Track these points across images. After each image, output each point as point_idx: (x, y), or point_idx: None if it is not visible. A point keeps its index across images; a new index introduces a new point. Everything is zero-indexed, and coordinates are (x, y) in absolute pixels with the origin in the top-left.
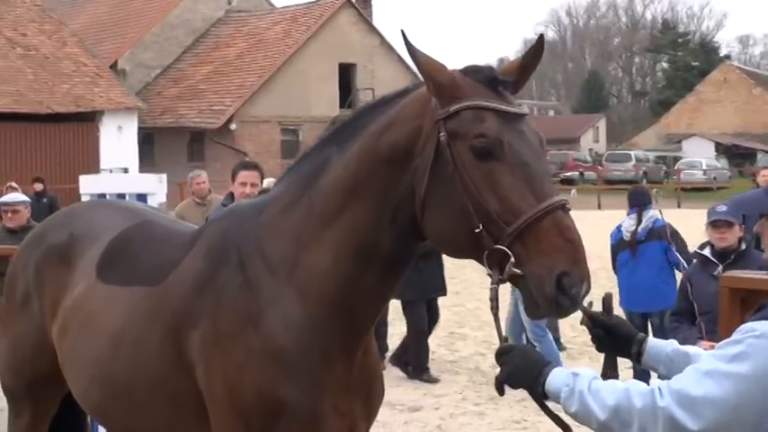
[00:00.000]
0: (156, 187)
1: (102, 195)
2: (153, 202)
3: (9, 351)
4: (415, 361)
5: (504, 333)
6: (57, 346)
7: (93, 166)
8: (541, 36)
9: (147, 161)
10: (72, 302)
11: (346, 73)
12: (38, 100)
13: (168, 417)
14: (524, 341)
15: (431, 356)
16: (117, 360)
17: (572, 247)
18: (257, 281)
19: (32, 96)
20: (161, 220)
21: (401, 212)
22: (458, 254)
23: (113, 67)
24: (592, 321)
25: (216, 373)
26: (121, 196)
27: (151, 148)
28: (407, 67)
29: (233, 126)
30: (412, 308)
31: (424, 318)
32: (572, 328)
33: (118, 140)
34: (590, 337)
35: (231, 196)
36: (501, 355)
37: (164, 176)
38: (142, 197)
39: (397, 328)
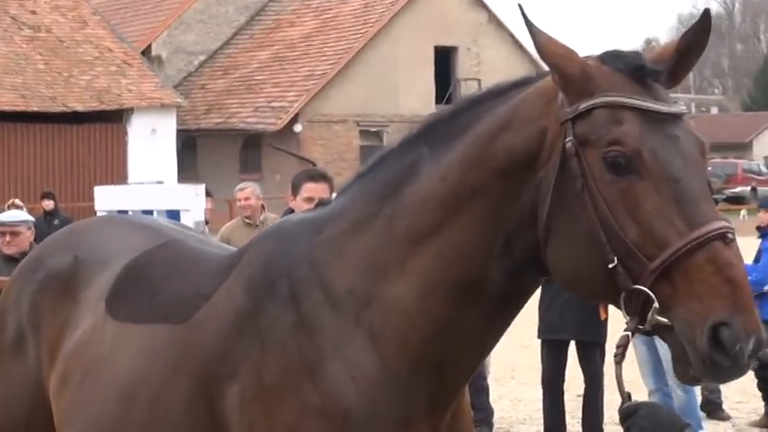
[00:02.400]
0: (191, 202)
1: (124, 212)
2: (188, 220)
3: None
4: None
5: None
6: (54, 403)
7: (119, 179)
8: (707, 11)
9: (188, 172)
10: (74, 345)
11: (444, 59)
12: (50, 95)
13: None
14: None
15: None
16: (128, 423)
17: (734, 289)
18: (315, 319)
19: (43, 90)
20: (190, 241)
21: (518, 239)
22: (590, 297)
23: (146, 53)
24: (760, 362)
25: None
26: (148, 213)
27: (193, 155)
28: (524, 52)
29: (298, 127)
30: None
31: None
32: (740, 392)
33: (151, 146)
34: (757, 383)
35: (291, 214)
36: (626, 418)
37: (201, 188)
38: (174, 214)
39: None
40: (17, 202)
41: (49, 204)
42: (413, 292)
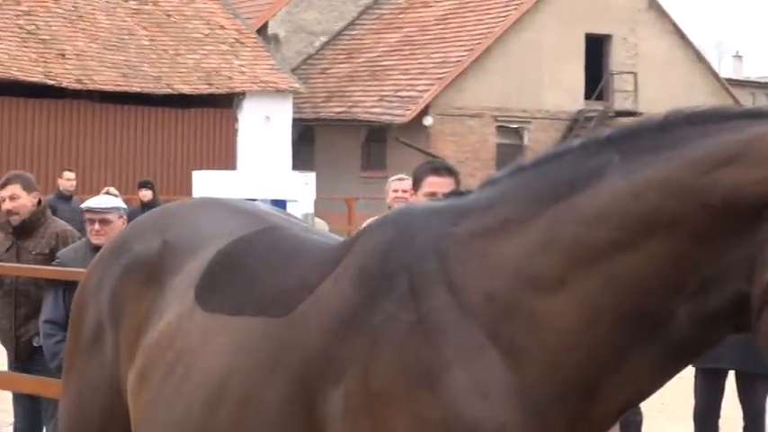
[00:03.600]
0: (299, 191)
1: None
2: (296, 212)
3: (71, 411)
4: None
5: None
6: (131, 403)
7: (226, 170)
8: None
9: (304, 166)
10: (157, 338)
11: (596, 48)
12: (154, 75)
13: None
14: None
15: None
16: (215, 424)
17: None
18: (439, 321)
19: (147, 70)
20: (294, 229)
21: (718, 290)
22: None
23: (261, 31)
24: None
25: None
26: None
27: (310, 147)
28: (687, 44)
29: (428, 120)
30: None
31: None
32: None
33: (263, 135)
34: None
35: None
36: None
37: (311, 177)
38: (280, 204)
39: None
40: (112, 190)
41: (146, 195)
42: (574, 312)
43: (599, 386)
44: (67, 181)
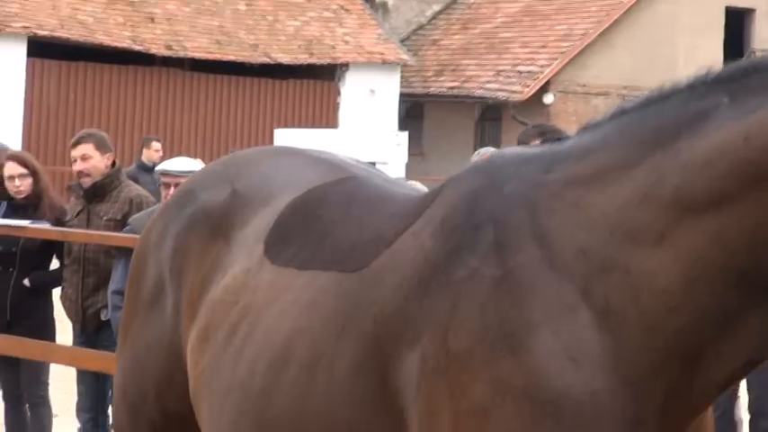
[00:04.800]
0: (390, 152)
1: None
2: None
3: (126, 374)
4: None
5: None
6: (191, 365)
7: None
8: None
9: (413, 143)
10: (221, 294)
11: (736, 23)
12: (250, 43)
13: None
14: None
15: None
16: (278, 390)
17: None
18: (527, 279)
19: (243, 37)
20: (374, 179)
21: None
22: None
23: None
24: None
25: (441, 420)
26: None
27: (418, 124)
28: None
29: (548, 98)
30: None
31: None
32: None
33: (367, 110)
34: None
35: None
36: None
37: (403, 136)
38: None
39: None
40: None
41: None
42: (676, 269)
43: (702, 354)
44: (155, 152)
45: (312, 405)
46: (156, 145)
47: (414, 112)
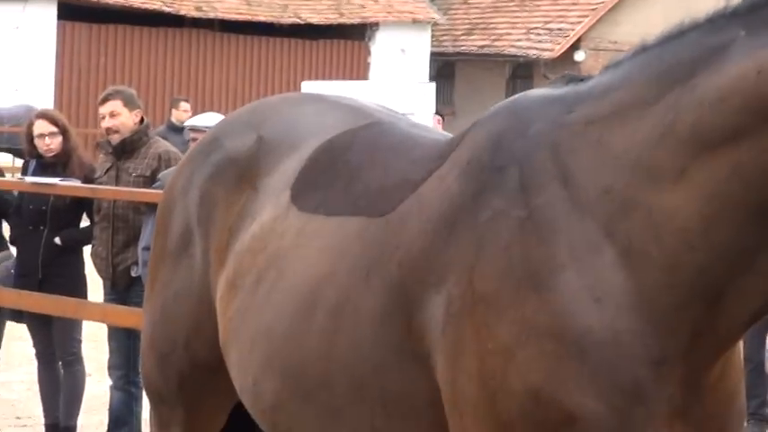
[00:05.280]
0: (416, 103)
1: None
2: None
3: (155, 323)
4: None
5: None
6: (220, 313)
7: None
8: None
9: (444, 103)
10: (249, 242)
11: None
12: (280, 3)
13: (381, 430)
14: None
15: None
16: (305, 335)
17: None
18: (551, 218)
19: None
20: (400, 124)
21: None
22: None
23: None
24: None
25: (466, 361)
26: None
27: (449, 84)
28: None
29: (579, 56)
30: None
31: None
32: None
33: (398, 70)
34: None
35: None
36: None
37: (430, 88)
38: None
39: None
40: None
41: None
42: (696, 207)
43: (725, 292)
44: (184, 112)
45: (338, 350)
46: (185, 105)
47: (445, 71)
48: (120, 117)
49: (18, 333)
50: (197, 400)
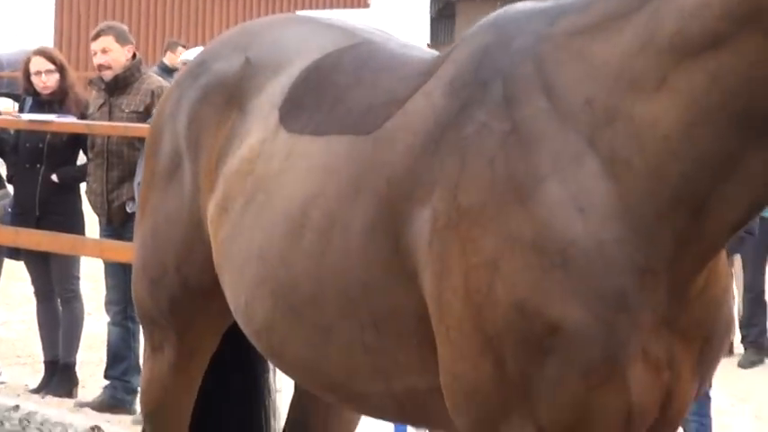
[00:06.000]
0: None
1: None
2: None
3: (146, 246)
4: None
5: None
6: (212, 236)
7: None
8: None
9: (445, 43)
10: (238, 164)
11: None
12: None
13: (372, 349)
14: None
15: None
16: (296, 254)
17: None
18: (535, 130)
19: None
20: (389, 44)
21: None
22: None
23: None
24: None
25: (452, 276)
26: None
27: (450, 24)
28: None
29: None
30: None
31: None
32: None
33: (397, 9)
34: None
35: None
36: None
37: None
38: None
39: None
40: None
41: None
42: (677, 114)
43: (708, 198)
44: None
45: (328, 269)
46: (182, 50)
47: (445, 11)
48: (111, 53)
49: (17, 274)
50: (189, 323)
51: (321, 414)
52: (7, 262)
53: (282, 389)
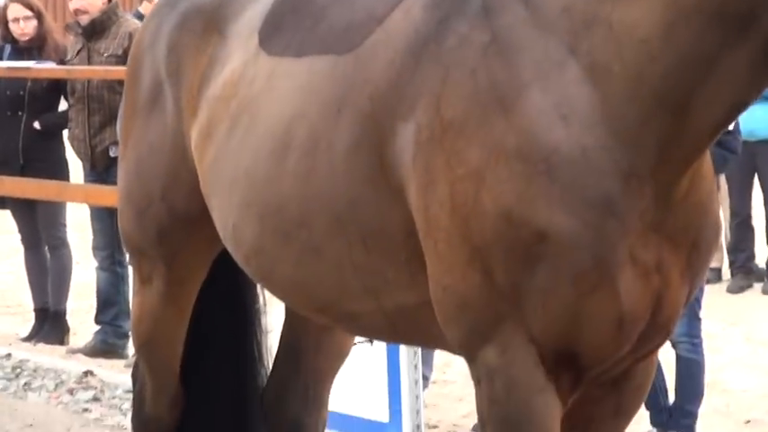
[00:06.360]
0: None
1: None
2: None
3: (130, 177)
4: None
5: None
6: (197, 162)
7: None
8: None
9: None
10: (220, 89)
11: None
12: None
13: (361, 267)
14: None
15: None
16: (282, 175)
17: None
18: (514, 40)
19: None
20: None
21: None
22: None
23: None
24: None
25: (438, 189)
26: None
27: None
28: None
29: None
30: None
31: None
32: None
33: None
34: None
35: None
36: None
37: None
38: None
39: None
40: None
41: None
42: (655, 17)
43: (689, 100)
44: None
45: (314, 188)
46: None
47: None
48: None
49: (3, 226)
50: (177, 252)
51: (313, 336)
52: None
53: (275, 329)
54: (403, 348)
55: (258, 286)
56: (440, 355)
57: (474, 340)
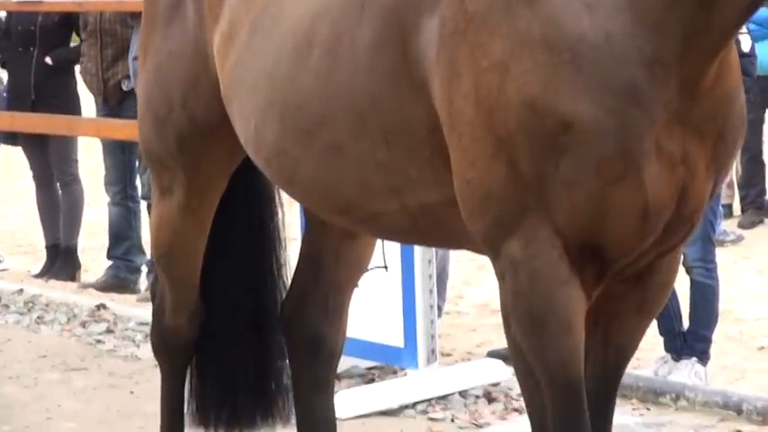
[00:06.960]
0: None
1: None
2: None
3: (150, 85)
4: None
5: None
6: (219, 68)
7: None
8: None
9: None
10: None
11: None
12: None
13: (384, 166)
14: None
15: None
16: (305, 74)
17: None
18: None
19: None
20: None
21: None
22: None
23: None
24: None
25: (462, 82)
26: None
27: None
28: None
29: None
30: None
31: None
32: None
33: None
34: None
35: None
36: None
37: None
38: None
39: None
40: None
41: None
42: None
43: None
44: None
45: (336, 84)
46: None
47: None
48: None
49: (16, 171)
50: (197, 161)
51: (333, 247)
52: (5, 155)
53: (297, 238)
54: (418, 274)
55: (277, 201)
56: (453, 288)
57: (498, 233)
